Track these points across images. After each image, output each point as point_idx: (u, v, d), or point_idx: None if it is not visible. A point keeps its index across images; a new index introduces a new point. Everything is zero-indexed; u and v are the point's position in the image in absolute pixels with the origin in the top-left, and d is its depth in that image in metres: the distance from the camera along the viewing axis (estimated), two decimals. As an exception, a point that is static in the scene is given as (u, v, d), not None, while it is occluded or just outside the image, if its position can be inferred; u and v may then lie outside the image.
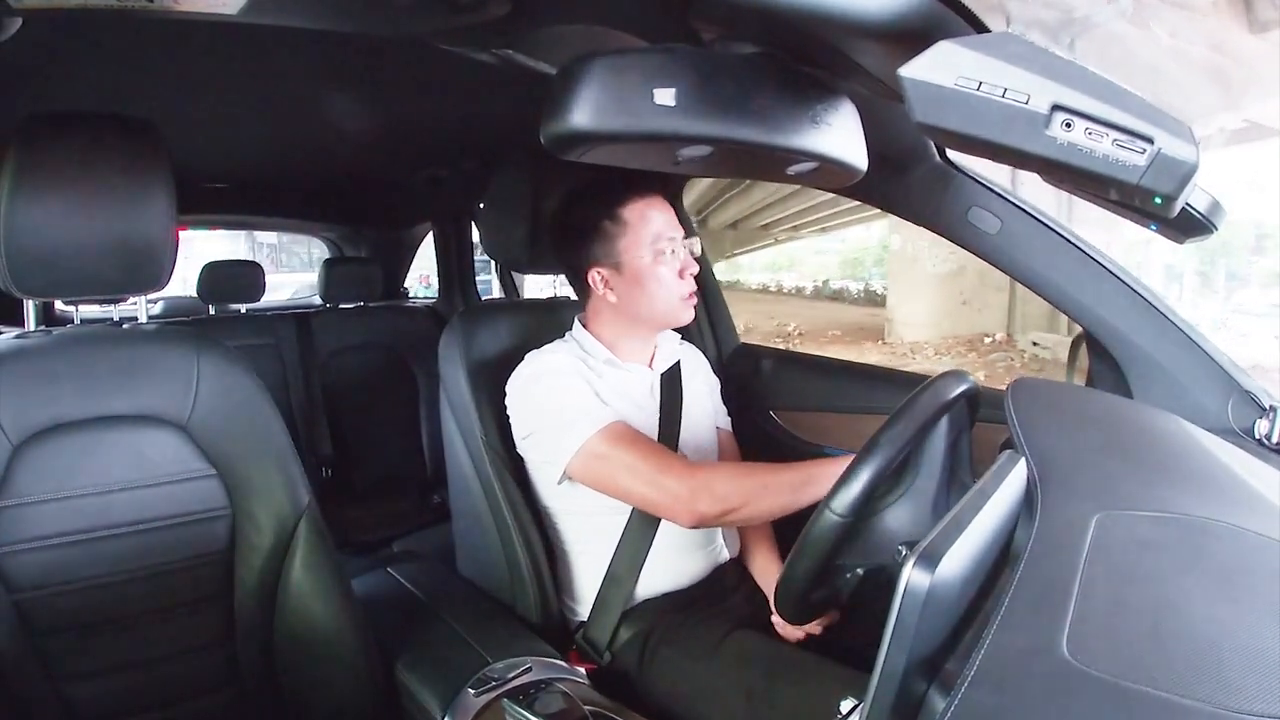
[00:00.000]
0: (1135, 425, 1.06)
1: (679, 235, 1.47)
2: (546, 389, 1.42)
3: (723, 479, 1.31)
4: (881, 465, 1.00)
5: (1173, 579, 0.62)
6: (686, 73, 0.85)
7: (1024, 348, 10.66)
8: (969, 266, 10.94)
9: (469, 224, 3.17)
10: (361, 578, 1.64)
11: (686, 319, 1.51)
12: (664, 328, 1.55)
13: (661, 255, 1.44)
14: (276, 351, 2.78)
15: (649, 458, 1.34)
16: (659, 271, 1.44)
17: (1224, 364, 1.25)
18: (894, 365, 9.38)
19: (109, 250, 1.10)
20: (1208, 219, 0.94)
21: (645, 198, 1.46)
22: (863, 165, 1.01)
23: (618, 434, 1.36)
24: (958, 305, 11.65)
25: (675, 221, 1.49)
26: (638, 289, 1.46)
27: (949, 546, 0.57)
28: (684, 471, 1.32)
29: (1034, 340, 10.51)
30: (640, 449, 1.35)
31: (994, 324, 11.40)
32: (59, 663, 1.11)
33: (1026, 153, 0.71)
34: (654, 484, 1.32)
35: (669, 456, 1.37)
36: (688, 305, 1.49)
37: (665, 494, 1.31)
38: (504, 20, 1.00)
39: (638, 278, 1.45)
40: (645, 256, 1.44)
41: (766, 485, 1.29)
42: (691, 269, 1.48)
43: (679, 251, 1.46)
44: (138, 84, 1.47)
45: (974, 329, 11.49)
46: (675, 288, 1.46)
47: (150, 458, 1.16)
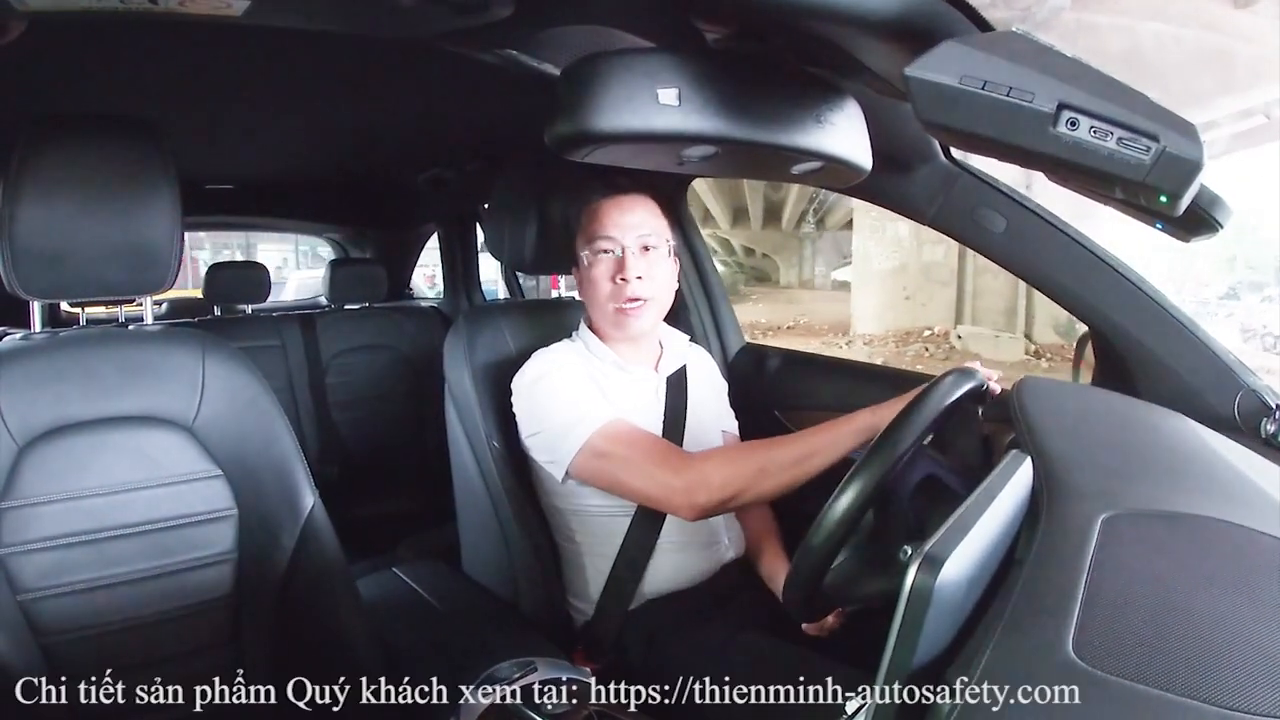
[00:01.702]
0: (1142, 425, 1.06)
1: (629, 236, 1.43)
2: (549, 389, 1.42)
3: (718, 467, 1.30)
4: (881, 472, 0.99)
5: (1179, 580, 0.61)
6: (690, 73, 0.85)
7: (953, 341, 11.33)
8: (911, 264, 11.75)
9: (473, 225, 3.18)
10: (367, 578, 1.65)
11: (630, 327, 1.46)
12: (615, 337, 1.50)
13: (592, 253, 1.43)
14: (282, 352, 2.79)
15: (647, 453, 1.34)
16: (590, 273, 1.45)
17: (1231, 363, 1.25)
18: (826, 351, 9.85)
19: (114, 252, 1.10)
20: (1213, 217, 0.94)
21: (604, 197, 1.46)
22: (867, 165, 1.01)
23: (616, 431, 1.36)
24: (901, 300, 12.24)
25: (633, 222, 1.44)
26: (583, 290, 1.49)
27: (954, 546, 0.57)
28: (681, 464, 1.32)
29: (958, 334, 11.27)
30: (638, 445, 1.35)
31: (940, 318, 11.95)
32: (65, 663, 1.11)
33: (1032, 151, 0.71)
34: (652, 479, 1.32)
35: (666, 451, 1.36)
36: (622, 314, 1.44)
37: (664, 489, 1.31)
38: (508, 21, 1.00)
39: (581, 279, 1.48)
40: (584, 257, 1.45)
41: (764, 468, 1.27)
42: (628, 273, 1.42)
43: (615, 251, 1.43)
44: (143, 86, 1.48)
45: (917, 322, 12.07)
46: (604, 291, 1.43)
47: (156, 458, 1.16)
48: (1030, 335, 11.27)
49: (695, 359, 1.66)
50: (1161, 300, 1.28)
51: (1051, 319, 11.30)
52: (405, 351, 2.95)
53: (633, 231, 1.43)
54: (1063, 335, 10.91)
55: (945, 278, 12.07)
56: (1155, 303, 1.28)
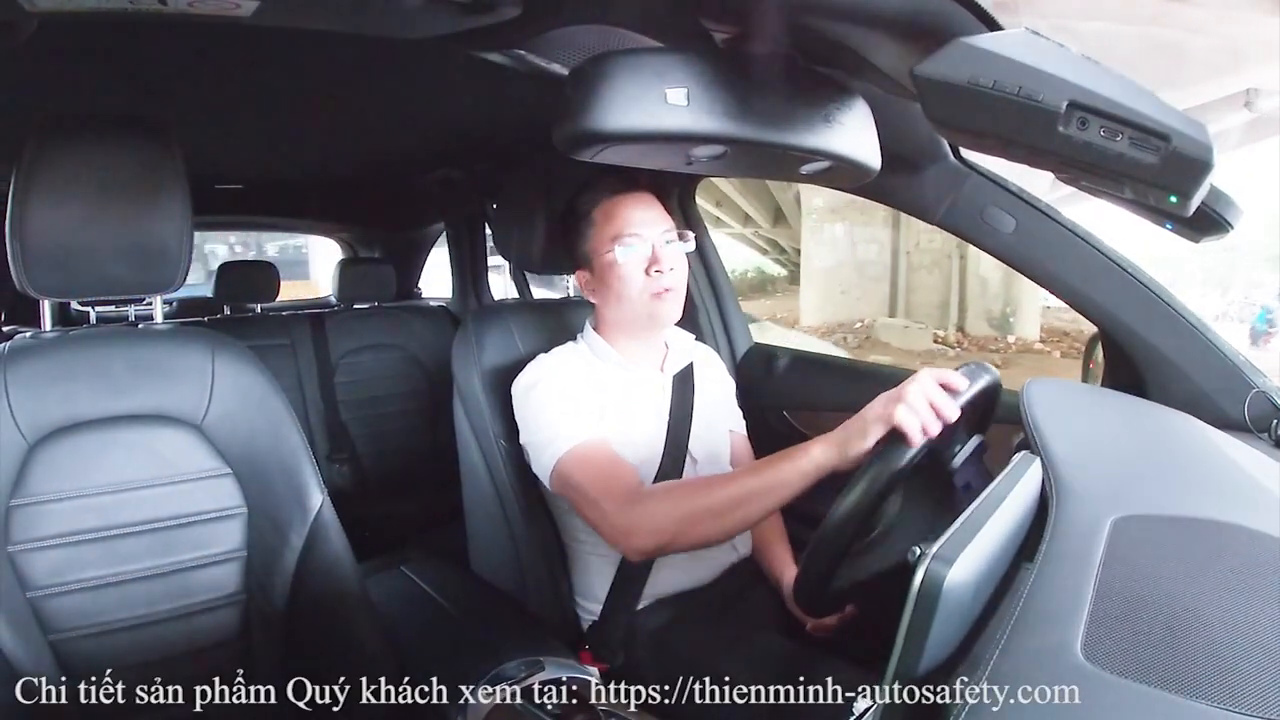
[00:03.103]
0: (1151, 426, 1.06)
1: (654, 231, 1.44)
2: (537, 400, 1.42)
3: (660, 510, 1.22)
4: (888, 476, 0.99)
5: (1188, 582, 0.61)
6: (698, 72, 0.85)
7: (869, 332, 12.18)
8: (847, 262, 12.57)
9: (482, 225, 3.18)
10: (376, 577, 1.65)
11: (664, 317, 1.46)
12: (648, 328, 1.51)
13: (624, 249, 1.42)
14: (291, 351, 2.80)
15: (604, 487, 1.29)
16: (619, 266, 1.43)
17: (1240, 364, 1.24)
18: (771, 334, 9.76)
19: (123, 251, 1.11)
20: (1223, 217, 0.93)
21: (616, 195, 1.46)
22: (876, 164, 1.00)
23: (584, 456, 1.33)
24: (839, 294, 12.93)
25: (653, 217, 1.46)
26: (604, 286, 1.47)
27: (963, 547, 0.57)
28: (627, 503, 1.26)
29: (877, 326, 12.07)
30: (598, 477, 1.31)
31: (877, 311, 12.67)
32: (74, 660, 1.12)
33: (1041, 150, 0.71)
34: (601, 517, 1.29)
35: (620, 487, 1.29)
36: (659, 302, 1.44)
37: (609, 528, 1.28)
38: (516, 21, 1.01)
39: (602, 274, 1.46)
40: (606, 251, 1.44)
41: (711, 508, 1.17)
42: (663, 265, 1.42)
43: (645, 246, 1.43)
44: (153, 86, 1.48)
45: (852, 315, 12.74)
46: (638, 284, 1.43)
47: (165, 456, 1.17)
48: (964, 327, 11.95)
49: (702, 358, 1.66)
50: (1171, 301, 1.27)
51: (984, 312, 11.80)
52: (414, 351, 2.96)
53: (657, 226, 1.45)
54: (995, 328, 11.62)
55: (879, 274, 12.83)
56: (1165, 304, 1.27)
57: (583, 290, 1.54)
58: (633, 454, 1.40)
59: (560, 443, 1.35)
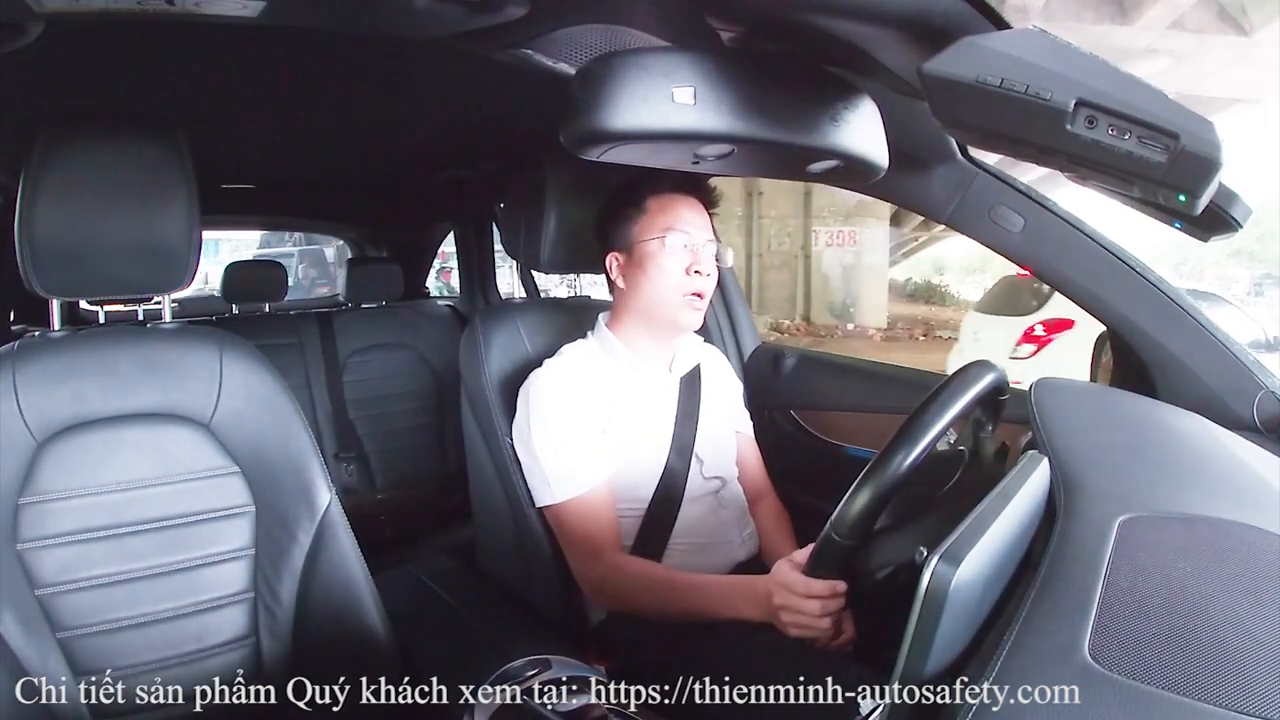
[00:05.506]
0: (1159, 426, 1.05)
1: (700, 235, 1.46)
2: (540, 424, 1.43)
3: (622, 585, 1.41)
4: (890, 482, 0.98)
5: (1196, 582, 0.61)
6: (705, 71, 0.85)
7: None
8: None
9: (490, 224, 3.19)
10: (383, 575, 1.65)
11: (687, 322, 1.47)
12: (669, 328, 1.51)
13: (674, 237, 1.43)
14: (299, 350, 2.80)
15: (576, 539, 1.44)
16: (663, 259, 1.44)
17: (1249, 364, 1.24)
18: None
19: (131, 250, 1.11)
20: (1232, 216, 0.93)
21: (677, 193, 1.47)
22: (884, 163, 1.00)
23: (572, 511, 1.42)
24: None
25: (704, 223, 1.48)
26: (641, 273, 1.46)
27: (971, 547, 0.57)
28: (598, 562, 1.42)
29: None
30: (578, 532, 1.43)
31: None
32: (82, 658, 1.12)
33: (1049, 149, 0.71)
34: (574, 562, 1.46)
35: (595, 544, 1.42)
36: (689, 305, 1.45)
37: (578, 574, 1.46)
38: (522, 21, 1.00)
39: (642, 261, 1.46)
40: (654, 241, 1.44)
41: (660, 606, 1.38)
42: (702, 268, 1.44)
43: (692, 248, 1.45)
44: (161, 86, 1.48)
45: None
46: (675, 279, 1.44)
47: (173, 454, 1.17)
48: (809, 318, 13.21)
49: (709, 359, 1.66)
50: (1181, 301, 1.27)
51: (827, 304, 13.32)
52: (422, 350, 2.96)
53: (704, 232, 1.47)
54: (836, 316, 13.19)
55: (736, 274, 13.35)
56: (1174, 303, 1.27)
57: (610, 276, 1.54)
58: (639, 455, 1.41)
59: (554, 491, 1.42)
